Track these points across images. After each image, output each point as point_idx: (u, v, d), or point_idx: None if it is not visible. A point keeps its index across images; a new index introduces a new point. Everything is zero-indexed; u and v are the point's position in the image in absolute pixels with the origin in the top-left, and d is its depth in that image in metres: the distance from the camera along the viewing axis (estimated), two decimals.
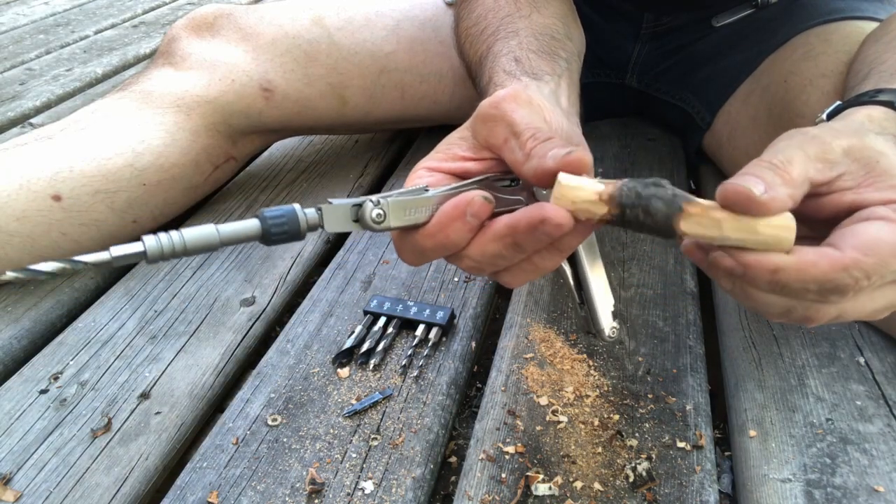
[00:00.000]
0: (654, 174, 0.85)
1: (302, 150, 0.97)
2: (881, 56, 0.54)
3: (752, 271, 0.32)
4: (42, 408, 0.55)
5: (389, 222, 0.35)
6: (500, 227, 0.35)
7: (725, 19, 0.82)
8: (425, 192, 0.37)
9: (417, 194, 0.36)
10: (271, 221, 0.32)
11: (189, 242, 0.31)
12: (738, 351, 0.58)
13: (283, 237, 0.33)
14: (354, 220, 0.35)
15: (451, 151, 0.40)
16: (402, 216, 0.36)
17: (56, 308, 0.67)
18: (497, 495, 0.46)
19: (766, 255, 0.32)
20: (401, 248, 0.38)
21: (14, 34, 1.53)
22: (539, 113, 0.40)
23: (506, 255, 0.36)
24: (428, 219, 0.36)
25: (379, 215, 0.35)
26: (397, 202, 0.35)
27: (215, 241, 0.31)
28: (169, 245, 0.30)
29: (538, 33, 0.56)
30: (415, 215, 0.36)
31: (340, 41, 0.82)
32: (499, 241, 0.35)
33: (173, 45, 0.79)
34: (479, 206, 0.35)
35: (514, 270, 0.38)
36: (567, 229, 0.34)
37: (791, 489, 0.46)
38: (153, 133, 0.72)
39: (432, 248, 0.36)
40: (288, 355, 0.59)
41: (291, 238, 0.33)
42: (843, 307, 0.34)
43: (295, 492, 0.47)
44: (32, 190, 0.66)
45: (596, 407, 0.53)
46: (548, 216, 0.33)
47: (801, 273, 0.32)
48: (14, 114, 1.13)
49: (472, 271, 0.39)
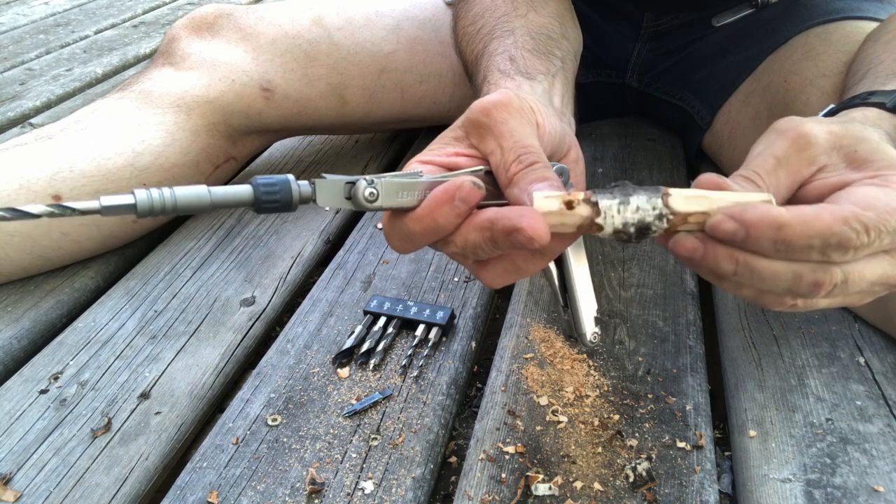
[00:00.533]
0: (654, 174, 0.85)
1: (302, 150, 0.97)
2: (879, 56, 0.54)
3: (756, 230, 0.32)
4: (42, 408, 0.55)
5: (381, 202, 0.35)
6: (483, 220, 0.35)
7: (725, 19, 0.82)
8: (419, 177, 0.37)
9: (411, 178, 0.36)
10: (264, 189, 0.32)
11: (180, 200, 0.30)
12: (738, 351, 0.58)
13: (275, 206, 0.33)
14: (347, 197, 0.35)
15: (444, 149, 0.40)
16: (393, 198, 0.36)
17: (56, 308, 0.67)
18: (497, 495, 0.46)
19: (768, 210, 0.32)
20: (390, 234, 0.38)
21: (14, 34, 1.53)
22: (530, 120, 0.40)
23: (485, 248, 0.36)
24: (418, 203, 0.36)
25: (371, 194, 0.35)
26: (390, 183, 0.35)
27: (206, 202, 0.31)
28: (160, 200, 0.30)
29: (534, 32, 0.57)
30: (406, 198, 0.36)
31: (340, 41, 0.82)
32: (479, 233, 0.35)
33: (173, 44, 0.79)
34: (467, 191, 0.35)
35: (494, 268, 0.38)
36: (541, 244, 0.33)
37: (791, 489, 0.46)
38: (153, 133, 0.72)
39: (420, 231, 0.36)
40: (288, 355, 0.59)
41: (283, 208, 0.33)
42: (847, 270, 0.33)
43: (295, 492, 0.47)
44: (32, 190, 0.66)
45: (596, 407, 0.53)
46: (521, 227, 0.33)
47: (804, 227, 0.31)
48: (14, 114, 1.13)
49: (455, 259, 0.39)
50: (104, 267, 0.73)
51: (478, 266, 0.39)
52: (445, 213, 0.35)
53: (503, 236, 0.34)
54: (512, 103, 0.39)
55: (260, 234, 0.77)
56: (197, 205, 0.31)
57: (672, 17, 0.85)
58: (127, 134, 0.71)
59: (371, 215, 0.79)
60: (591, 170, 0.86)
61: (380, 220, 0.78)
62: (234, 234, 0.77)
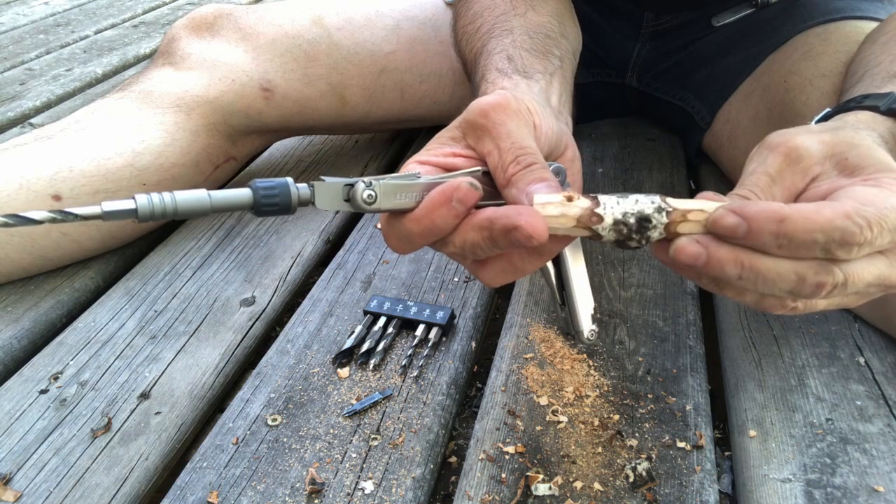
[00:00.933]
0: (654, 174, 0.85)
1: (302, 150, 0.97)
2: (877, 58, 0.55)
3: (757, 223, 0.32)
4: (42, 408, 0.55)
5: (379, 204, 0.35)
6: (481, 219, 0.35)
7: (725, 19, 0.82)
8: (417, 179, 0.37)
9: (409, 179, 0.37)
10: (263, 192, 0.32)
11: (180, 205, 0.30)
12: (738, 351, 0.58)
13: (274, 209, 0.33)
14: (346, 199, 0.35)
15: (442, 149, 0.41)
16: (392, 199, 0.36)
17: (56, 308, 0.67)
18: (497, 495, 0.46)
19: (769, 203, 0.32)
20: (388, 234, 0.39)
21: (14, 34, 1.53)
22: (527, 121, 0.40)
23: (483, 247, 0.36)
24: (416, 204, 0.36)
25: (370, 196, 0.35)
26: (388, 185, 0.36)
27: (206, 206, 0.31)
28: (160, 205, 0.30)
29: (532, 31, 0.57)
30: (404, 200, 0.36)
31: (340, 41, 0.82)
32: (478, 232, 0.35)
33: (173, 44, 0.79)
34: (465, 192, 0.35)
35: (493, 267, 0.38)
36: (540, 242, 0.33)
37: (791, 489, 0.46)
38: (153, 133, 0.72)
39: (419, 232, 0.36)
40: (288, 355, 0.59)
41: (282, 211, 0.33)
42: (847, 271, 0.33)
43: (295, 492, 0.47)
44: (32, 190, 0.66)
45: (596, 407, 0.53)
46: (520, 225, 0.33)
47: (806, 221, 0.31)
48: (14, 114, 1.13)
49: (454, 258, 0.39)
50: (104, 267, 0.73)
51: (476, 265, 0.39)
52: (443, 213, 0.35)
53: (502, 235, 0.34)
54: (509, 105, 0.39)
55: (260, 234, 0.77)
56: (197, 209, 0.31)
57: (672, 16, 0.85)
58: (127, 134, 0.71)
59: (371, 215, 0.79)
60: (591, 170, 0.86)
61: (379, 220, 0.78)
62: (234, 234, 0.77)
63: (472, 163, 0.40)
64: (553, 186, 0.36)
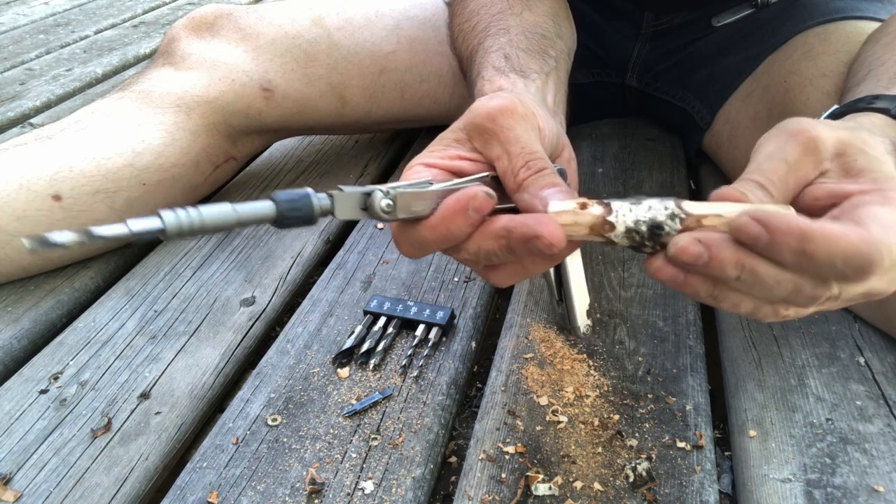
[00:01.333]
0: (654, 174, 0.85)
1: (302, 150, 0.97)
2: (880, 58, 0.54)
3: (780, 236, 0.31)
4: (42, 408, 0.55)
5: (396, 213, 0.35)
6: (498, 228, 0.35)
7: (725, 19, 0.82)
8: (429, 186, 0.37)
9: (422, 187, 0.37)
10: (286, 205, 0.32)
11: (207, 220, 0.30)
12: (738, 351, 0.58)
13: (297, 221, 0.32)
14: (363, 208, 0.35)
15: (447, 151, 0.41)
16: (407, 208, 0.36)
17: (56, 308, 0.67)
18: (497, 495, 0.46)
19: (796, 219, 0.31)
20: (400, 241, 0.39)
21: (14, 34, 1.53)
22: (533, 125, 0.40)
23: (499, 255, 0.36)
24: (430, 212, 0.36)
25: (389, 205, 0.35)
26: (404, 194, 0.35)
27: (232, 221, 0.31)
28: (188, 221, 0.29)
29: (528, 31, 0.57)
30: (419, 207, 0.36)
31: (340, 41, 0.82)
32: (494, 241, 0.36)
33: (173, 45, 0.79)
34: (481, 201, 0.35)
35: (505, 270, 0.39)
36: (560, 249, 0.34)
37: (791, 489, 0.46)
38: (153, 133, 0.72)
39: (434, 240, 0.37)
40: (288, 355, 0.59)
41: (304, 223, 0.33)
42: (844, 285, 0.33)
43: (295, 492, 0.47)
44: (32, 190, 0.66)
45: (596, 407, 0.53)
46: (541, 234, 0.33)
47: (830, 246, 0.30)
48: (14, 114, 1.13)
49: (466, 264, 0.39)
50: (104, 267, 0.73)
51: (488, 269, 0.39)
52: (459, 222, 0.36)
53: (521, 244, 0.34)
54: (516, 109, 0.39)
55: (260, 233, 0.77)
56: (223, 223, 0.30)
57: (672, 16, 0.85)
58: (127, 134, 0.71)
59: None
60: (591, 170, 0.86)
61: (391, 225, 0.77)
62: (234, 234, 0.77)
63: (478, 166, 0.40)
64: (565, 191, 0.36)
